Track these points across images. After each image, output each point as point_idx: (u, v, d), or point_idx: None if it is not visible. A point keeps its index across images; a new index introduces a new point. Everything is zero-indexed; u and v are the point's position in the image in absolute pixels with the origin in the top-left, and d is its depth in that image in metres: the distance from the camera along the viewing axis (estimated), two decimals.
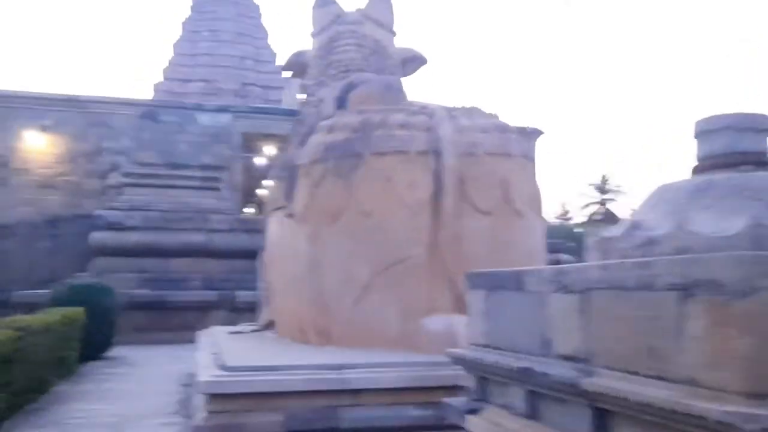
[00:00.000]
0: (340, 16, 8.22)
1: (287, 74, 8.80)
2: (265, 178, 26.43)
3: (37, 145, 18.99)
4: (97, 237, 14.76)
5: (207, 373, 4.37)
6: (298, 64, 8.56)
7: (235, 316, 13.73)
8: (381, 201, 5.11)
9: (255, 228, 15.67)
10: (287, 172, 5.79)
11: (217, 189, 15.46)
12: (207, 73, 23.92)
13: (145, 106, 16.80)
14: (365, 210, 5.12)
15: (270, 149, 21.65)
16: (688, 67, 66.10)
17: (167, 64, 24.72)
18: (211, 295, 13.84)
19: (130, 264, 14.49)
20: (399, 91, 6.76)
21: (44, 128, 19.06)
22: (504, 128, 5.50)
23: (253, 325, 9.07)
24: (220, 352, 5.12)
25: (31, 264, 16.36)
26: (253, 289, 14.31)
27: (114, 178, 16.14)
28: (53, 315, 7.44)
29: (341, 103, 6.71)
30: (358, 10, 8.23)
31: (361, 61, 7.70)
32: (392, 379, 4.33)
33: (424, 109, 5.45)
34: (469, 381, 4.44)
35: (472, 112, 5.58)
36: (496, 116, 5.66)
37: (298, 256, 5.48)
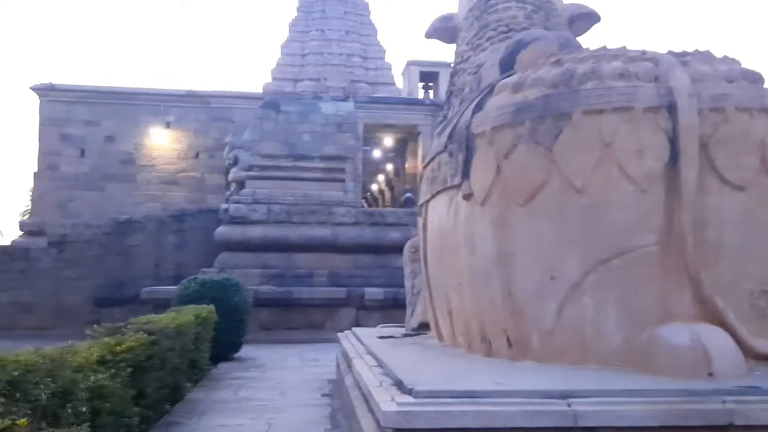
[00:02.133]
0: None
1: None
2: (379, 171, 25.80)
3: (161, 142, 19.12)
4: (222, 231, 14.41)
5: (385, 397, 3.35)
6: (445, 30, 7.49)
7: (364, 315, 12.90)
8: (596, 173, 3.90)
9: (381, 221, 14.81)
10: (458, 144, 4.69)
11: (341, 180, 14.74)
12: (316, 72, 24.11)
13: (267, 98, 16.38)
14: (574, 185, 3.93)
15: (389, 140, 20.86)
16: None
17: (275, 65, 25.01)
18: (338, 292, 13.09)
19: (255, 259, 14.03)
20: (578, 48, 5.50)
21: (168, 124, 19.17)
22: (756, 77, 4.13)
23: (398, 327, 8.10)
24: (386, 366, 4.10)
25: (157, 259, 16.35)
26: (381, 285, 13.46)
27: (236, 173, 15.75)
28: (186, 314, 6.76)
29: (508, 66, 5.57)
30: None
31: (524, 19, 6.54)
32: (640, 414, 3.12)
33: (643, 55, 4.18)
34: (748, 416, 3.17)
35: (707, 56, 4.24)
36: (738, 61, 4.30)
37: (477, 246, 4.38)
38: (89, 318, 14.68)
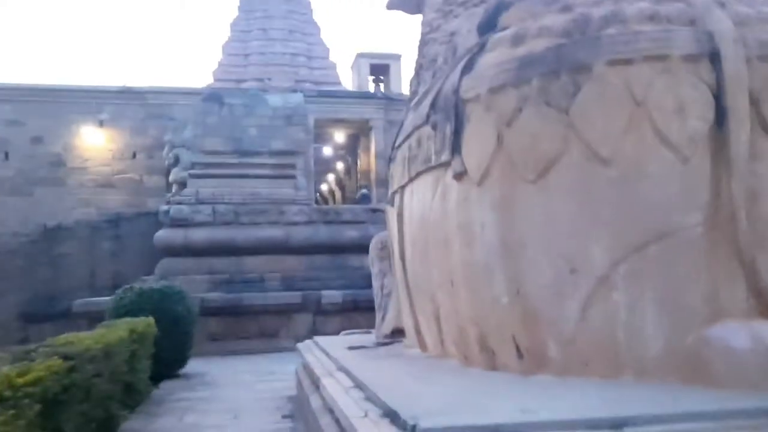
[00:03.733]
0: None
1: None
2: (329, 170, 24.92)
3: (94, 142, 17.67)
4: (162, 236, 13.22)
5: None
6: (409, 0, 6.71)
7: (322, 320, 11.95)
8: (626, 139, 3.13)
9: (336, 219, 13.89)
10: (444, 113, 3.87)
11: (292, 177, 13.74)
12: (259, 72, 23.57)
13: (209, 91, 15.25)
14: (599, 155, 3.15)
15: (340, 136, 19.96)
16: None
17: (217, 66, 24.32)
18: (293, 296, 12.10)
19: (200, 264, 12.90)
20: None
21: (101, 123, 17.78)
22: None
23: (364, 333, 7.24)
24: (368, 389, 3.24)
25: (92, 268, 15.02)
26: (339, 288, 12.56)
27: (178, 173, 14.57)
28: (118, 330, 5.73)
29: (488, 30, 4.79)
30: None
31: None
32: None
33: (662, 1, 3.43)
34: None
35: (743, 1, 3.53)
36: None
37: (475, 235, 3.56)
38: (17, 336, 13.32)
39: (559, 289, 3.23)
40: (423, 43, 6.07)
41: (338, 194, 25.41)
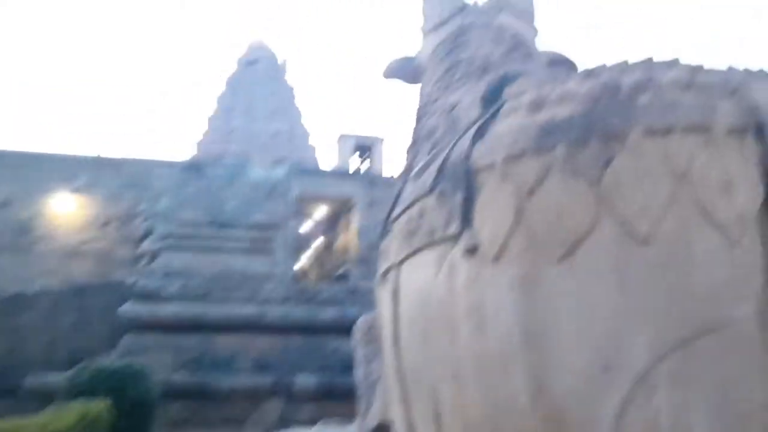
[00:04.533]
0: (466, 5, 6.23)
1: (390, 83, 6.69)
2: (306, 247, 24.48)
3: (66, 209, 17.10)
4: (128, 309, 12.50)
5: None
6: (405, 70, 6.52)
7: (293, 407, 11.17)
8: (668, 215, 2.76)
9: (315, 298, 13.32)
10: (453, 182, 3.49)
11: (270, 251, 13.22)
12: (241, 148, 23.78)
13: (189, 160, 14.91)
14: (637, 232, 2.77)
15: (321, 213, 19.65)
16: None
17: (201, 138, 24.43)
18: (264, 380, 11.34)
19: (166, 341, 12.15)
20: None
21: (75, 190, 17.26)
22: None
23: (342, 425, 6.60)
24: None
25: (51, 342, 14.13)
26: (314, 372, 11.83)
27: (150, 244, 14.01)
28: (68, 414, 5.07)
29: (491, 102, 4.53)
30: (489, 1, 6.26)
31: (501, 58, 5.66)
32: None
33: (699, 69, 3.16)
34: None
35: None
36: None
37: (489, 320, 3.11)
38: None
39: (591, 388, 2.76)
40: (421, 114, 5.82)
41: (315, 272, 24.88)
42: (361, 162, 21.50)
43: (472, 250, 3.25)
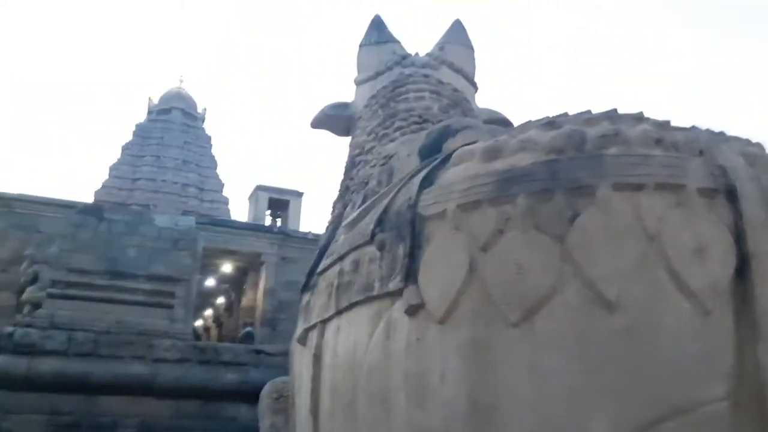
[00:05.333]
0: (404, 58, 6.07)
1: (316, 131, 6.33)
2: (207, 305, 23.27)
3: None
4: (2, 363, 11.14)
5: None
6: (337, 119, 6.25)
7: None
8: (637, 279, 2.49)
9: (215, 359, 12.38)
10: (396, 231, 3.13)
11: (169, 306, 12.29)
12: (146, 198, 22.94)
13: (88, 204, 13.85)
14: (603, 296, 2.48)
15: (228, 268, 18.76)
16: None
17: (100, 186, 23.35)
18: None
19: (42, 402, 10.84)
20: None
21: None
22: None
23: None
24: None
25: None
26: None
27: (33, 291, 12.74)
28: None
29: (430, 154, 4.30)
30: (429, 54, 6.14)
31: (440, 112, 5.53)
32: None
33: (667, 125, 3.00)
34: None
35: (738, 138, 3.17)
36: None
37: (432, 390, 2.71)
38: None
39: None
40: (352, 165, 5.52)
41: (214, 332, 23.62)
42: (276, 217, 20.89)
43: (415, 309, 2.87)
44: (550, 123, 3.01)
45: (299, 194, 21.36)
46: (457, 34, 6.30)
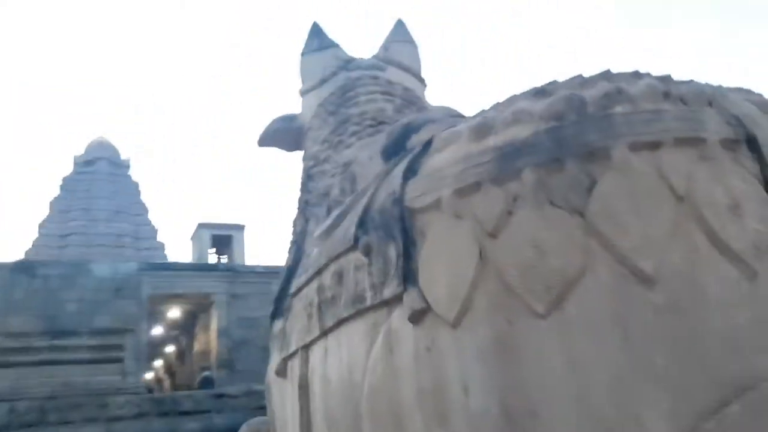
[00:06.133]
0: (349, 62, 5.77)
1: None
2: (157, 355, 22.22)
3: None
4: None
5: None
6: (287, 132, 5.89)
7: None
8: (673, 246, 2.19)
9: (174, 410, 11.59)
10: (383, 231, 2.76)
11: (119, 360, 11.48)
12: (79, 253, 22.04)
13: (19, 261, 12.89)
14: (639, 270, 2.17)
15: (176, 313, 17.90)
16: None
17: (30, 246, 22.28)
18: None
19: None
20: None
21: None
22: None
23: None
24: None
25: None
26: None
27: None
28: None
29: (395, 153, 4.01)
30: (375, 56, 5.88)
31: (394, 113, 5.25)
32: None
33: (669, 78, 2.74)
34: None
35: (737, 90, 2.94)
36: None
37: (453, 402, 2.34)
38: None
39: None
40: (308, 178, 5.15)
41: (167, 383, 22.52)
42: (220, 254, 20.11)
43: (420, 315, 2.50)
44: (540, 92, 2.72)
45: (241, 227, 20.62)
46: (400, 32, 6.05)
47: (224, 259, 19.98)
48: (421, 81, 5.84)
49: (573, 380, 2.17)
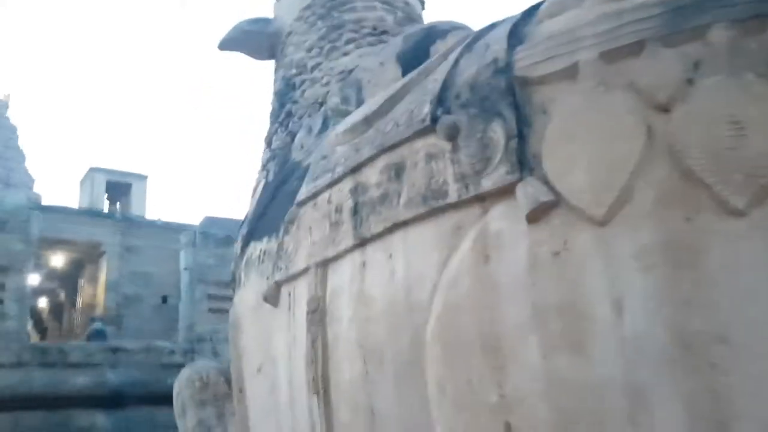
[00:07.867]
0: None
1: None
2: (33, 306, 20.27)
3: None
4: None
5: None
6: (258, 36, 5.09)
7: None
8: None
9: (61, 361, 10.25)
10: (476, 108, 2.11)
11: None
12: None
13: None
14: None
15: (59, 261, 16.23)
16: None
17: None
18: None
19: None
20: None
21: None
22: None
23: None
24: None
25: None
26: None
27: None
28: None
29: (413, 60, 3.43)
30: None
31: (395, 25, 4.66)
32: None
33: None
34: None
35: None
36: None
37: (596, 324, 1.75)
38: None
39: None
40: (290, 87, 4.41)
41: (55, 331, 20.59)
42: (115, 203, 18.38)
43: (543, 210, 1.88)
44: None
45: (143, 177, 18.93)
46: None
47: (119, 209, 18.31)
48: (421, 1, 5.26)
49: None
